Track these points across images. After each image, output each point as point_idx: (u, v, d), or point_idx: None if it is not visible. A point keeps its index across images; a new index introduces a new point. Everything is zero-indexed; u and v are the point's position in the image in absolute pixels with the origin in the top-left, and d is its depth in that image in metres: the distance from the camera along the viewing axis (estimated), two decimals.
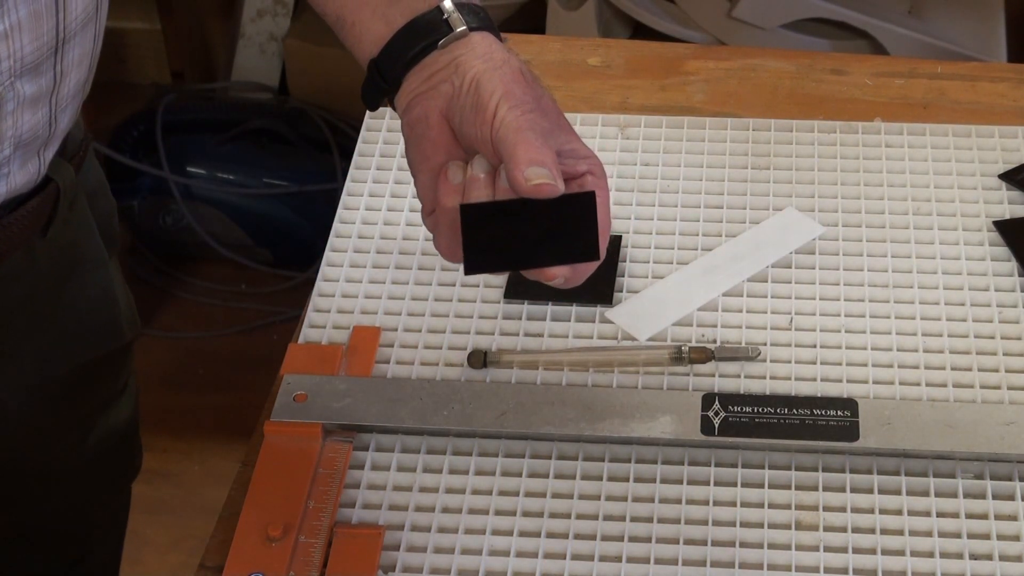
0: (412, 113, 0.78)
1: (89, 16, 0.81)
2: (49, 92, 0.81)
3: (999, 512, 0.81)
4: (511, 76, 0.75)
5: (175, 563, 1.80)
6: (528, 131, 0.73)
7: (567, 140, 0.76)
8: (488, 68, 0.76)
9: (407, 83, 0.79)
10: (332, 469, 0.84)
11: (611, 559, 0.80)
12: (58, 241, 0.92)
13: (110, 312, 1.02)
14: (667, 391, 0.88)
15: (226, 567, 0.79)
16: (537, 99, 0.75)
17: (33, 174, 0.85)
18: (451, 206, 0.74)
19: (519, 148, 0.72)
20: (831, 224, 0.99)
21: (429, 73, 0.78)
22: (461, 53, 0.77)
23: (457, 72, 0.76)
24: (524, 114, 0.73)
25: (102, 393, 1.05)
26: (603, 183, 0.77)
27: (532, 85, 0.76)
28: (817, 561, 0.79)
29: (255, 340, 2.10)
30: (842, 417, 0.84)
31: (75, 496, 1.07)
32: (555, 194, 0.72)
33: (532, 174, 0.71)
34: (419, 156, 0.78)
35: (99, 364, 1.02)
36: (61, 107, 0.83)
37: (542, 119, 0.74)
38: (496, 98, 0.74)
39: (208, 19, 2.34)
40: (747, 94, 1.13)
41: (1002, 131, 1.06)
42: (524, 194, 0.72)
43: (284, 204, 2.10)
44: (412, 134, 0.78)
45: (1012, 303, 0.93)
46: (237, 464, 0.86)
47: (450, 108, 0.77)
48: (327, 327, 0.93)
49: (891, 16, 1.78)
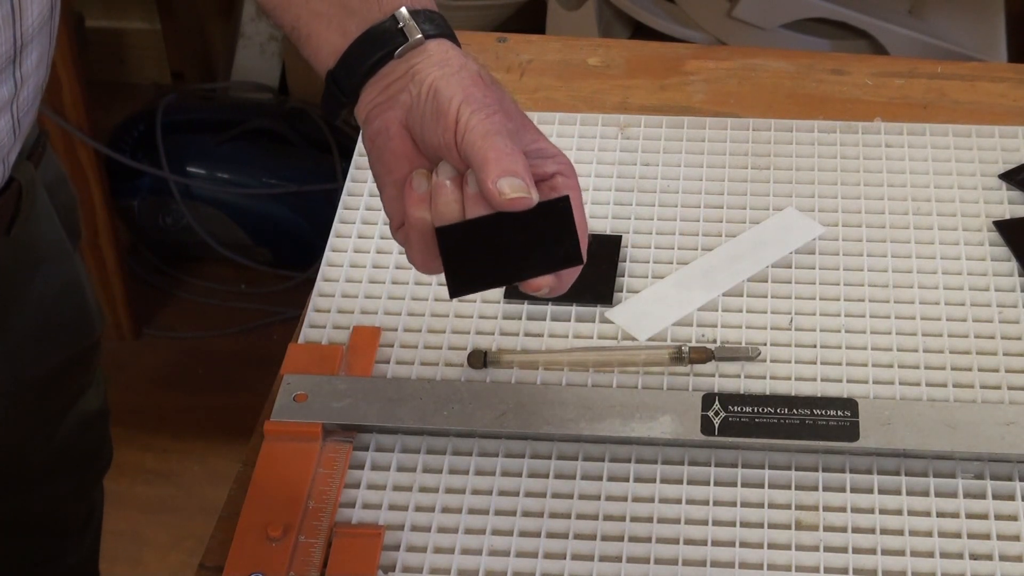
0: (372, 126, 0.77)
1: (45, 19, 0.80)
2: (11, 100, 0.81)
3: (999, 512, 0.81)
4: (469, 80, 0.74)
5: (175, 563, 1.80)
6: (496, 136, 0.71)
7: (533, 139, 0.75)
8: (445, 74, 0.74)
9: (365, 94, 0.77)
10: (332, 469, 0.84)
11: (611, 559, 0.80)
12: (20, 237, 0.92)
13: (78, 303, 1.02)
14: (667, 391, 0.88)
15: (226, 567, 0.79)
16: (499, 100, 0.74)
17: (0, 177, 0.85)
18: (419, 216, 0.73)
19: (489, 155, 0.71)
20: (831, 224, 0.99)
21: (386, 83, 0.76)
22: (418, 62, 0.75)
23: (414, 81, 0.75)
24: (488, 117, 0.72)
25: (72, 388, 1.05)
26: (574, 182, 0.75)
27: (492, 87, 0.75)
28: (817, 561, 0.79)
29: (255, 340, 2.10)
30: (842, 417, 0.84)
31: (47, 491, 1.07)
32: (530, 206, 0.71)
33: (506, 186, 0.70)
34: (382, 170, 0.76)
35: (70, 360, 1.02)
36: (23, 112, 0.83)
37: (507, 120, 0.73)
38: (456, 103, 0.72)
39: (208, 19, 2.34)
40: (747, 94, 1.13)
41: (1002, 131, 1.06)
42: (498, 208, 0.70)
43: (284, 204, 2.10)
44: (373, 147, 0.77)
45: (1012, 303, 0.93)
46: (237, 464, 0.86)
47: (409, 118, 0.75)
48: (327, 327, 0.93)
49: (891, 16, 1.77)
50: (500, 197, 0.70)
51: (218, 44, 2.34)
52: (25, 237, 0.92)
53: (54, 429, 1.04)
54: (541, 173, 0.75)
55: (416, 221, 0.73)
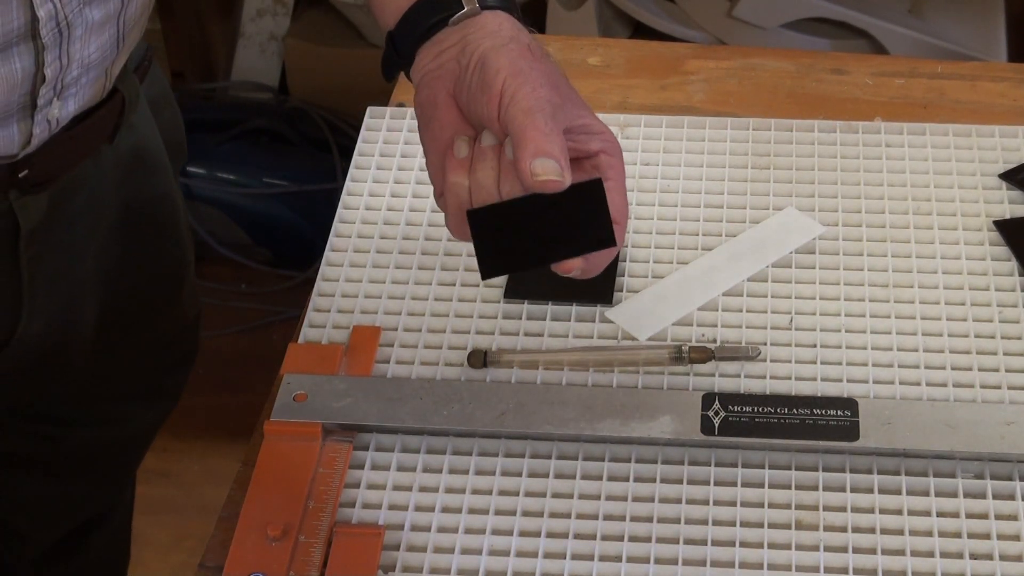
0: (422, 94, 0.78)
1: None
2: (117, 14, 0.84)
3: (999, 512, 0.81)
4: (517, 52, 0.75)
5: (175, 563, 1.79)
6: (537, 113, 0.72)
7: (579, 115, 0.75)
8: (494, 45, 0.75)
9: (419, 58, 0.79)
10: (332, 469, 0.84)
11: (611, 559, 0.79)
12: (121, 146, 0.95)
13: (171, 214, 1.05)
14: (667, 391, 0.88)
15: (226, 567, 0.79)
16: (546, 74, 0.74)
17: (100, 89, 0.88)
18: (455, 181, 0.74)
19: (527, 134, 0.71)
20: (831, 224, 0.99)
21: (439, 50, 0.78)
22: (470, 32, 0.77)
23: (464, 51, 0.76)
24: (533, 91, 0.72)
25: (161, 306, 1.08)
26: (618, 161, 0.75)
27: (541, 60, 0.75)
28: (817, 561, 0.79)
29: (255, 340, 2.10)
30: (842, 417, 0.84)
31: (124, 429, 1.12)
32: (561, 189, 0.71)
33: (539, 168, 0.70)
34: (428, 137, 0.77)
35: (161, 276, 1.06)
36: (128, 27, 0.86)
37: (552, 94, 0.73)
38: (503, 76, 0.73)
39: (208, 19, 2.34)
40: (747, 94, 1.13)
41: (1002, 131, 1.06)
42: (530, 188, 0.71)
43: (284, 204, 2.10)
44: (422, 115, 0.78)
45: (1012, 303, 0.93)
46: (237, 464, 0.86)
47: (457, 88, 0.76)
48: (327, 327, 0.93)
49: (891, 16, 1.78)
50: (532, 178, 0.70)
51: (218, 44, 2.34)
52: (126, 145, 0.96)
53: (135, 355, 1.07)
54: (585, 150, 0.75)
55: (452, 185, 0.74)
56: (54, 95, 0.83)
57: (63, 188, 0.91)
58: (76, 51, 0.82)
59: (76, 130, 0.88)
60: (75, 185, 0.92)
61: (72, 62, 0.83)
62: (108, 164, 0.95)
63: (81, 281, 0.97)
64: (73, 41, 0.81)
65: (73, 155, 0.89)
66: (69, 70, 0.83)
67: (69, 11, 0.80)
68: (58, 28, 0.79)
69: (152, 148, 1.01)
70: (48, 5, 0.78)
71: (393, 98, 1.12)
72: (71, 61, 0.82)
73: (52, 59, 0.81)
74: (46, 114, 0.84)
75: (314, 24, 2.22)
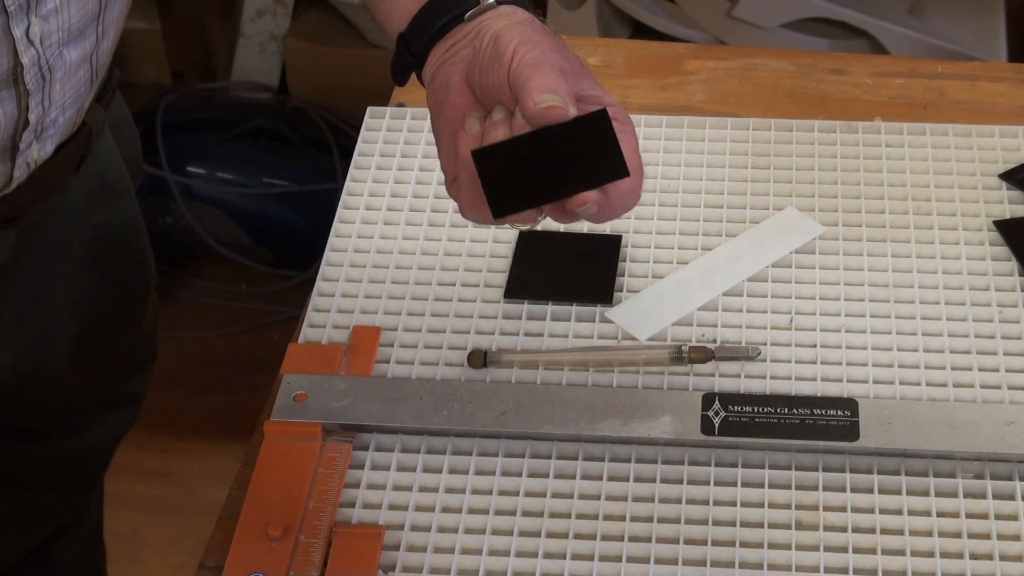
0: (435, 83, 0.78)
1: None
2: (91, 52, 0.83)
3: (999, 512, 0.81)
4: (531, 28, 0.74)
5: (175, 563, 1.79)
6: (544, 65, 0.71)
7: (590, 87, 0.75)
8: (509, 24, 0.75)
9: (432, 55, 0.78)
10: (332, 469, 0.84)
11: (611, 559, 0.80)
12: (87, 174, 0.95)
13: (136, 236, 1.05)
14: (667, 391, 0.88)
15: (226, 567, 0.79)
16: (559, 48, 0.74)
17: (73, 126, 0.88)
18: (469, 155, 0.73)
19: (532, 81, 0.71)
20: (831, 224, 0.99)
21: (452, 43, 0.77)
22: (485, 18, 0.76)
23: (479, 36, 0.76)
24: (543, 53, 0.72)
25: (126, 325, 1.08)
26: (630, 128, 0.74)
27: (554, 37, 0.75)
28: (817, 561, 0.79)
29: (255, 340, 2.10)
30: (842, 417, 0.84)
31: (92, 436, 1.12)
32: (565, 117, 0.70)
33: (542, 99, 0.70)
34: (441, 122, 0.77)
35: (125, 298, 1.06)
36: (101, 63, 0.86)
37: (563, 60, 0.73)
38: (514, 44, 0.73)
39: (208, 19, 2.34)
40: (747, 94, 1.13)
41: (1002, 131, 1.06)
42: (534, 120, 0.70)
43: (284, 204, 2.10)
44: (435, 102, 0.78)
45: (1012, 303, 0.93)
46: (237, 464, 0.86)
47: (470, 69, 0.76)
48: (327, 327, 0.93)
49: (891, 16, 1.78)
50: (536, 107, 0.70)
51: (218, 44, 2.34)
52: (91, 174, 0.96)
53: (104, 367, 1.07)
54: None
55: (466, 159, 0.73)
56: (34, 138, 0.83)
57: (30, 222, 0.90)
58: (56, 93, 0.82)
59: (45, 165, 0.87)
60: (42, 218, 0.92)
61: (52, 105, 0.82)
62: (75, 194, 0.95)
63: (52, 310, 0.97)
64: (54, 84, 0.81)
65: (41, 190, 0.88)
66: (49, 112, 0.82)
67: (50, 55, 0.79)
68: (40, 73, 0.79)
69: (115, 173, 1.01)
70: (32, 51, 0.77)
71: (393, 98, 1.12)
72: (51, 104, 0.82)
73: (35, 104, 0.80)
74: (26, 157, 0.83)
75: (314, 24, 2.22)
